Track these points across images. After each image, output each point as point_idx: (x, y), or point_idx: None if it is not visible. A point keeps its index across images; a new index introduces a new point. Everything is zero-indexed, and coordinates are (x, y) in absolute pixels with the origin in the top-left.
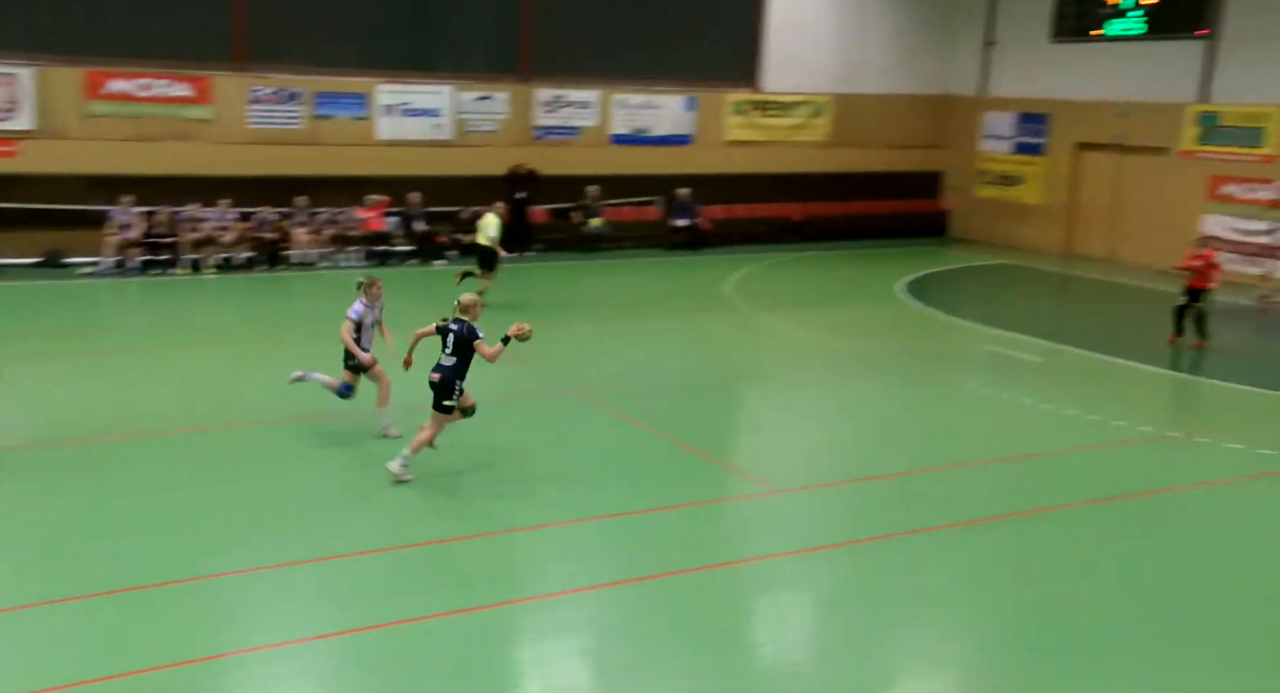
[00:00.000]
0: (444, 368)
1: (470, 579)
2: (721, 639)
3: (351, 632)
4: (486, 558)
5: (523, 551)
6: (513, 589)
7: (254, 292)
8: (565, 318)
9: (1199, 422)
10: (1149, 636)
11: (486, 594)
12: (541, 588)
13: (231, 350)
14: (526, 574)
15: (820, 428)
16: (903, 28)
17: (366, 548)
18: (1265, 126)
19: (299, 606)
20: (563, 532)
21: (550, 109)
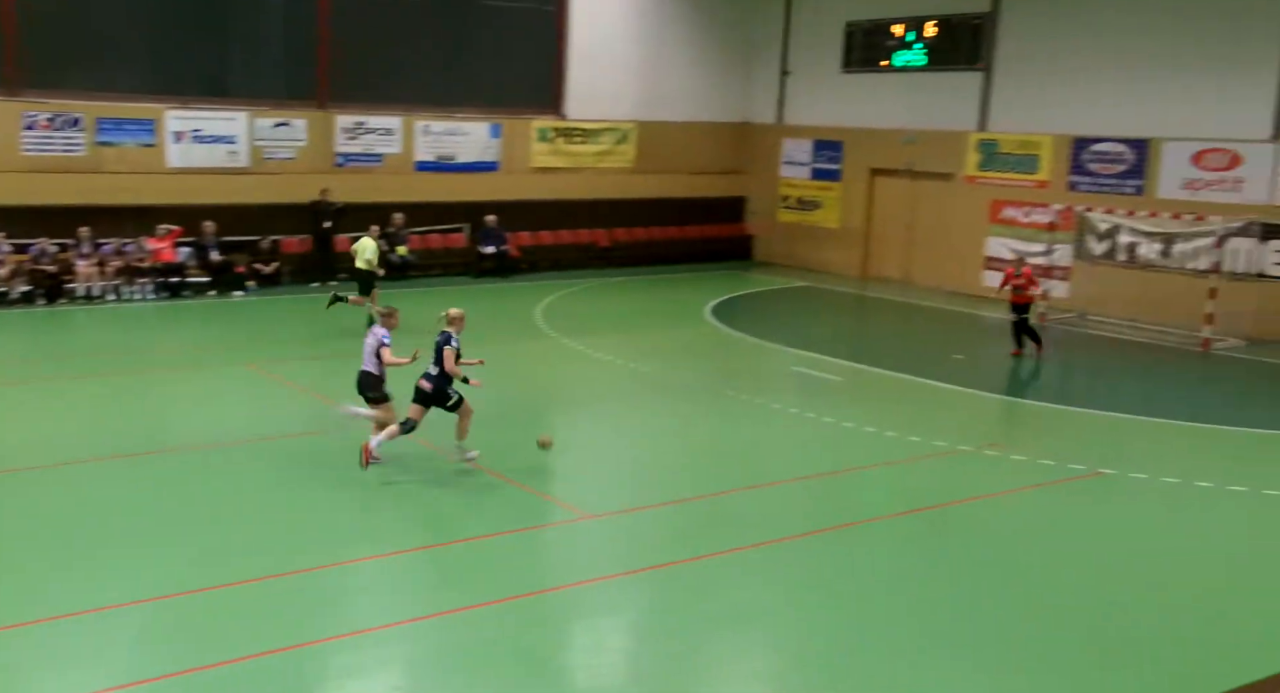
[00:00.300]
0: (432, 377)
1: (276, 619)
2: (536, 669)
3: (156, 679)
4: (292, 597)
5: (330, 588)
6: (320, 628)
7: (31, 327)
8: None
9: (988, 435)
10: (950, 642)
11: (292, 635)
12: (349, 626)
13: (12, 390)
14: (334, 612)
15: (631, 452)
16: (703, 57)
17: (166, 592)
18: (1039, 154)
19: (111, 652)
20: (373, 567)
21: (351, 136)
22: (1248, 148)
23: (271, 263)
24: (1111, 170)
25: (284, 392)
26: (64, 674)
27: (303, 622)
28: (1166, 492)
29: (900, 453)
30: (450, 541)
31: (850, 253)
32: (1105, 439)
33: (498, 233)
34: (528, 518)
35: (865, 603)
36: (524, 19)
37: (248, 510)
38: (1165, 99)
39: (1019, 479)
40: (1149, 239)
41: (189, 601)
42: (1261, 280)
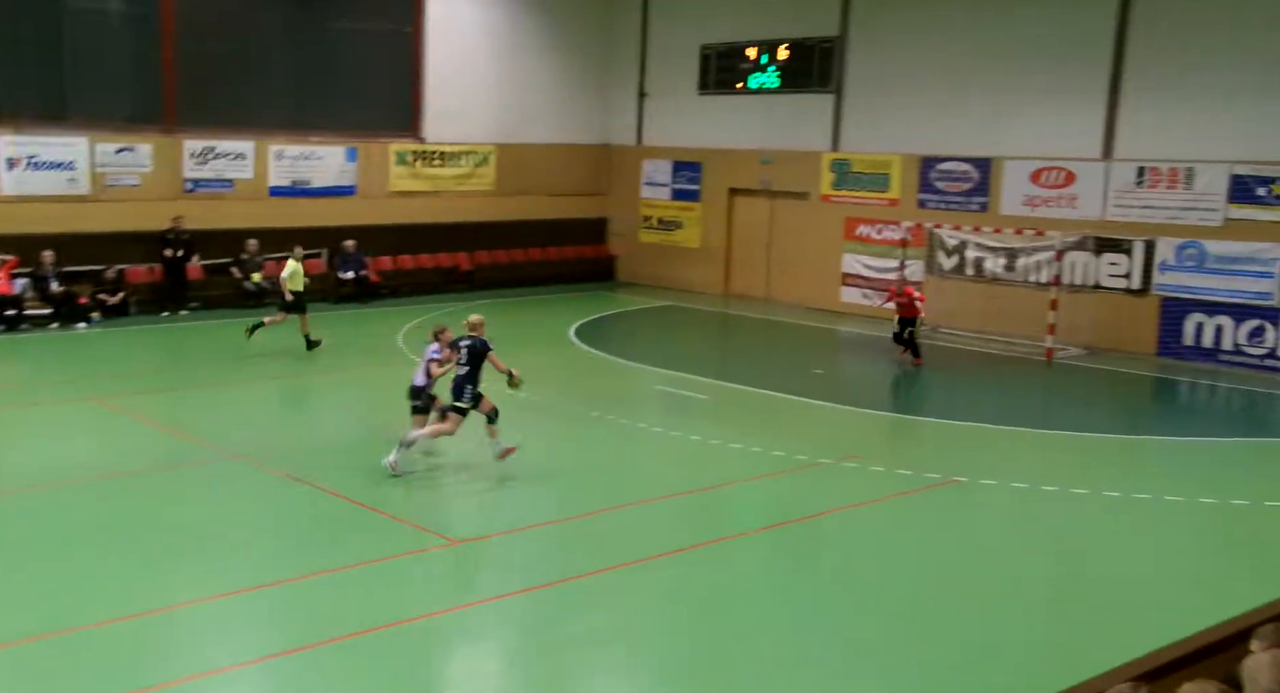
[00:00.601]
0: (457, 377)
1: (128, 662)
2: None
3: None
4: (147, 637)
5: (188, 627)
6: (176, 669)
7: None
8: (230, 378)
9: (848, 448)
10: (813, 653)
11: (150, 676)
12: (207, 665)
13: None
14: (192, 652)
15: (498, 476)
16: (562, 80)
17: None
18: (889, 173)
19: None
20: (232, 603)
21: (201, 161)
22: (1081, 166)
23: (117, 293)
24: (958, 188)
25: (131, 426)
26: None
27: (158, 663)
28: (1015, 497)
29: (764, 468)
30: (314, 572)
31: (712, 272)
32: (958, 448)
33: (357, 258)
34: (393, 547)
35: (730, 618)
36: (380, 41)
37: (83, 553)
38: (1006, 120)
39: (877, 490)
40: (994, 254)
41: (25, 648)
42: (1098, 292)
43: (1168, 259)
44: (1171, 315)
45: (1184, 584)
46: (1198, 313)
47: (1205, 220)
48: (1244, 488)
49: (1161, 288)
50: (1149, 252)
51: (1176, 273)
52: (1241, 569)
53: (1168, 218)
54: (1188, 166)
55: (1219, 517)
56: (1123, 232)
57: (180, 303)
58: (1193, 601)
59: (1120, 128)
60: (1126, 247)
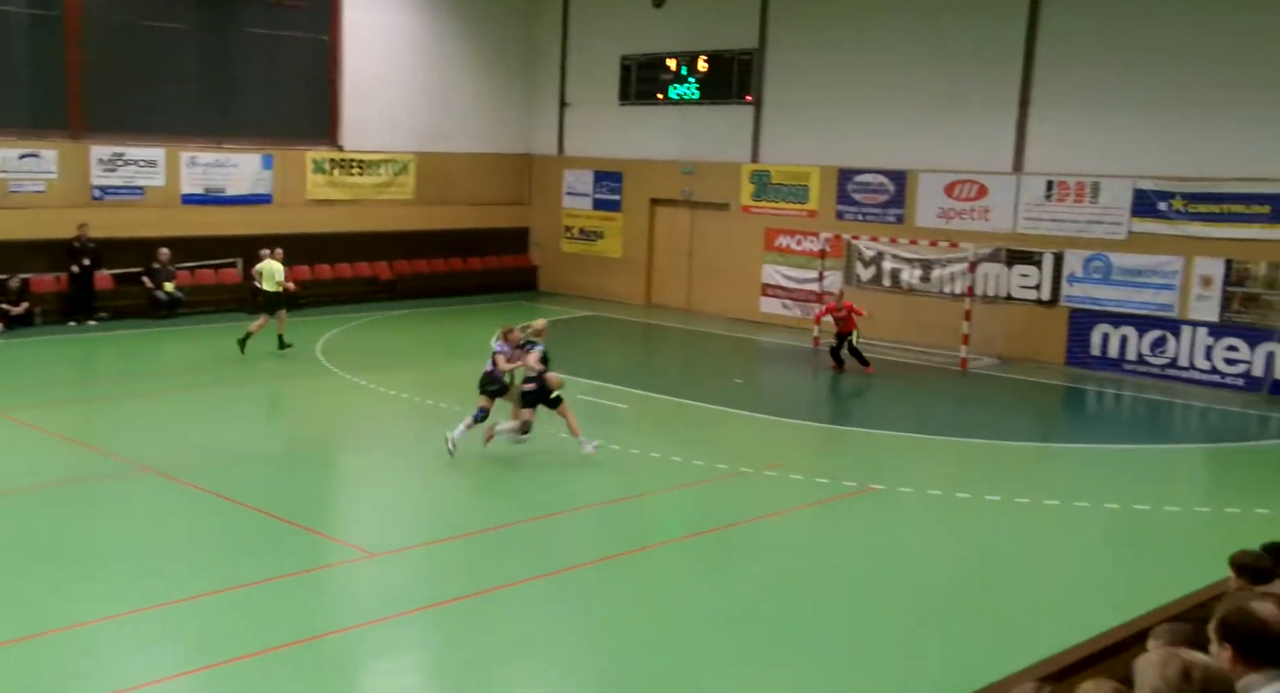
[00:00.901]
0: (531, 379)
1: (44, 680)
2: None
3: None
4: (62, 655)
5: (98, 645)
6: (92, 686)
7: None
8: (140, 390)
9: (768, 456)
10: (731, 661)
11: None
12: (119, 683)
13: None
14: (103, 671)
15: (418, 487)
16: (482, 89)
17: None
18: (808, 185)
19: None
20: (143, 620)
21: (109, 167)
22: (993, 179)
23: (21, 303)
24: (874, 200)
25: (37, 440)
26: None
27: (68, 682)
28: (930, 504)
29: (684, 477)
30: (229, 587)
31: (633, 282)
32: (875, 457)
33: None
34: (310, 560)
35: (652, 627)
36: (296, 48)
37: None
38: (921, 133)
39: (797, 498)
40: (910, 265)
41: None
42: (1009, 303)
43: (1076, 271)
44: (1079, 326)
45: (1089, 587)
46: (1104, 324)
47: (1111, 234)
48: (1146, 493)
49: (1070, 299)
50: (1058, 264)
51: (1084, 284)
52: (1142, 571)
53: (1075, 231)
54: (1094, 181)
55: (1122, 521)
56: (1033, 244)
57: (89, 313)
58: (1097, 602)
59: (1030, 142)
60: (1037, 259)
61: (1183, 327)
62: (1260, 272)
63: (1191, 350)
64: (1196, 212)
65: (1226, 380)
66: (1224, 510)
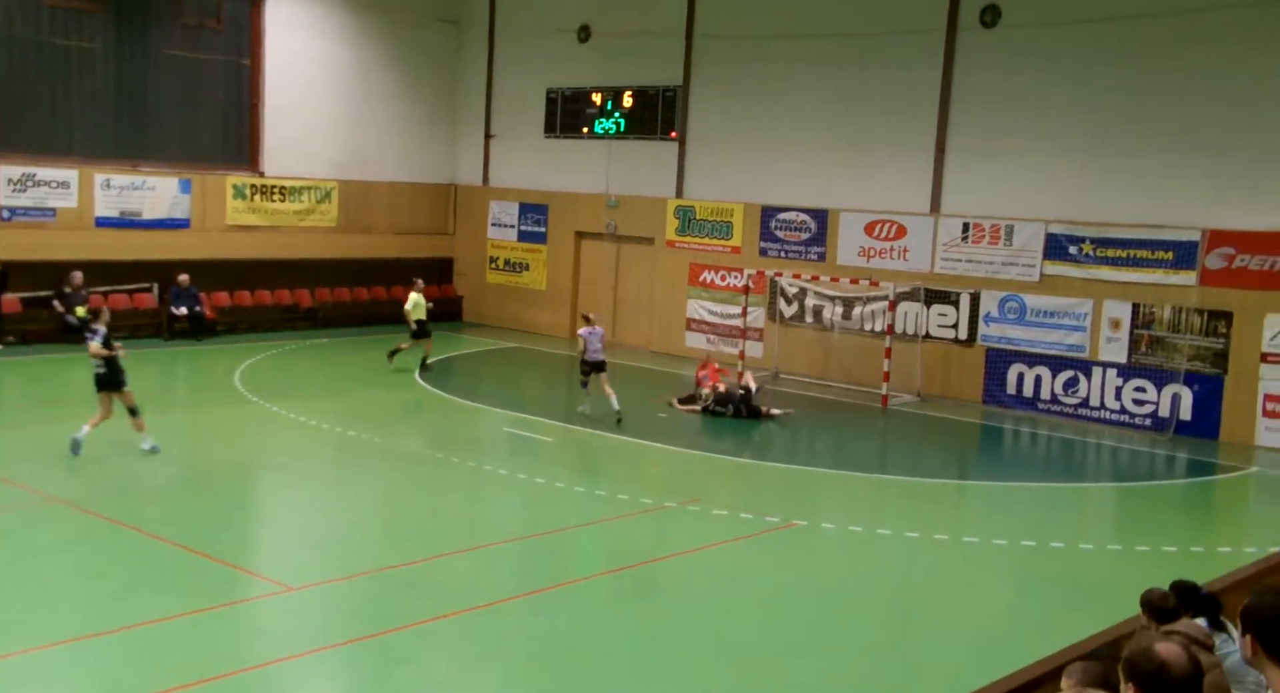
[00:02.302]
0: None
1: None
2: None
3: None
4: None
5: (4, 682)
6: None
7: None
8: (46, 418)
9: (691, 491)
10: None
11: None
12: None
13: None
14: None
15: (339, 519)
16: (407, 117)
17: None
18: (731, 221)
19: None
20: (46, 657)
21: (19, 188)
22: (911, 220)
23: None
24: (796, 237)
25: None
26: None
27: None
28: (852, 539)
29: (609, 511)
30: (141, 621)
31: (559, 314)
32: (798, 492)
33: (191, 293)
34: (225, 593)
35: (574, 663)
36: (216, 71)
37: None
38: (842, 173)
39: (721, 533)
40: (832, 302)
41: None
42: (928, 341)
43: (991, 311)
44: (995, 365)
45: (1007, 623)
46: (1019, 363)
47: (1024, 275)
48: (1060, 531)
49: (986, 338)
50: (974, 304)
51: (1000, 324)
52: (1057, 608)
53: (990, 272)
54: (1008, 224)
55: (1038, 558)
56: (950, 284)
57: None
58: (1014, 639)
59: (947, 185)
60: (954, 298)
61: (1094, 367)
62: (1165, 315)
63: (1102, 391)
64: (1105, 256)
65: (1135, 421)
66: (1135, 548)
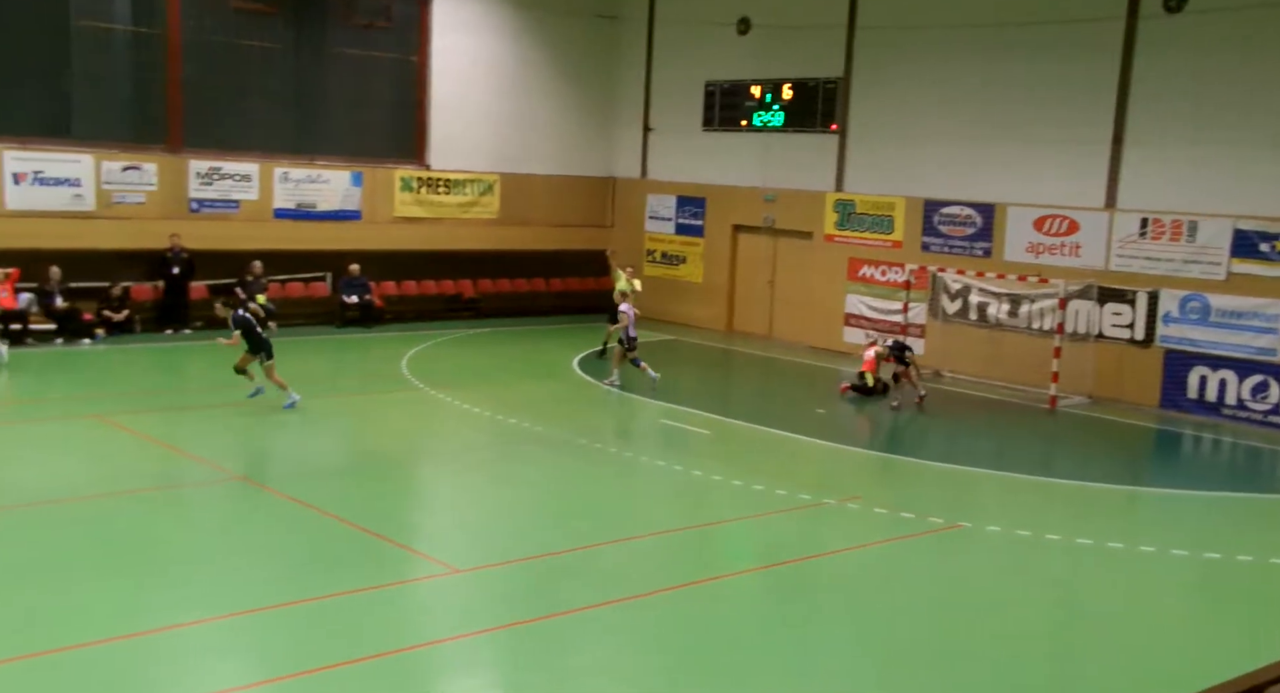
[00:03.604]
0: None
1: (117, 687)
2: None
3: None
4: (132, 661)
5: (181, 651)
6: (176, 691)
7: None
8: (229, 399)
9: (850, 489)
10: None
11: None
12: (200, 688)
13: None
14: (185, 676)
15: (501, 504)
16: (566, 111)
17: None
18: (893, 215)
19: None
20: (226, 626)
21: (206, 181)
22: (1084, 215)
23: (122, 310)
24: (961, 233)
25: (134, 445)
26: None
27: (150, 686)
28: (1019, 545)
29: (765, 506)
30: (315, 597)
31: (714, 308)
32: (962, 493)
33: (361, 283)
34: (394, 573)
35: (729, 658)
36: (386, 68)
37: (81, 573)
38: (1010, 166)
39: (881, 532)
40: (997, 299)
41: (19, 666)
42: (1101, 341)
43: (1171, 311)
44: (1175, 368)
45: (1188, 641)
46: (1201, 366)
47: (1209, 274)
48: (1248, 543)
49: (1165, 340)
50: (1152, 303)
51: (1180, 325)
52: (1245, 626)
53: (1171, 270)
54: (1191, 219)
55: (1223, 572)
56: (1126, 282)
57: (183, 322)
58: (1196, 657)
59: (1124, 178)
60: (1130, 297)
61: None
62: None
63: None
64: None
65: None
66: None
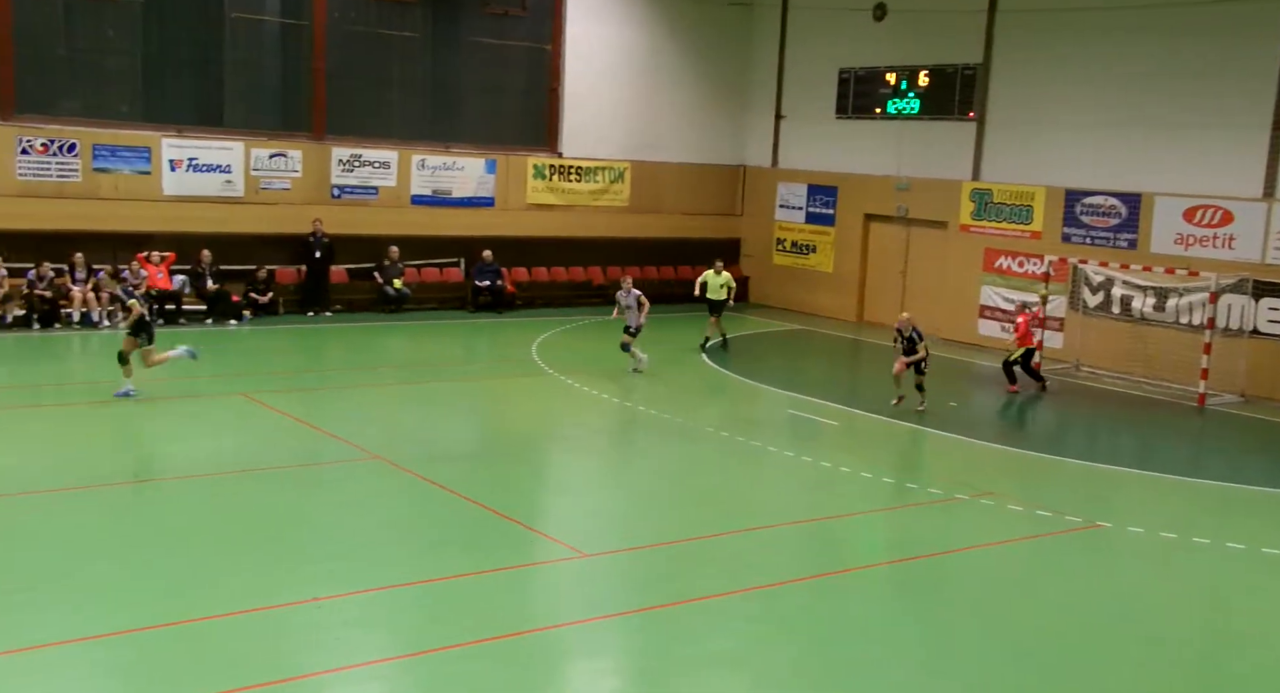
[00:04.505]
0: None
1: (258, 654)
2: None
3: None
4: (275, 631)
5: (315, 623)
6: (304, 664)
7: (25, 352)
8: (367, 380)
9: (983, 484)
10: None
11: (275, 670)
12: (335, 662)
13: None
14: (319, 648)
15: (627, 490)
16: (698, 99)
17: (141, 625)
18: (1032, 205)
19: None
20: (360, 601)
21: (347, 168)
22: (1239, 206)
23: (267, 293)
24: (1104, 223)
25: (277, 422)
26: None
27: (283, 657)
28: (1164, 547)
29: (896, 500)
30: (445, 576)
31: (845, 298)
32: (1102, 492)
33: (493, 268)
34: (523, 555)
35: (859, 652)
36: (520, 57)
37: (227, 544)
38: (1158, 154)
39: (1016, 530)
40: (1143, 293)
41: (165, 633)
42: (1255, 337)
43: None
44: None
45: None
46: None
47: None
48: None
49: None
50: None
51: None
52: None
53: None
54: None
55: None
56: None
57: (324, 305)
58: None
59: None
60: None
61: None
62: None
63: None
64: None
65: None
66: None
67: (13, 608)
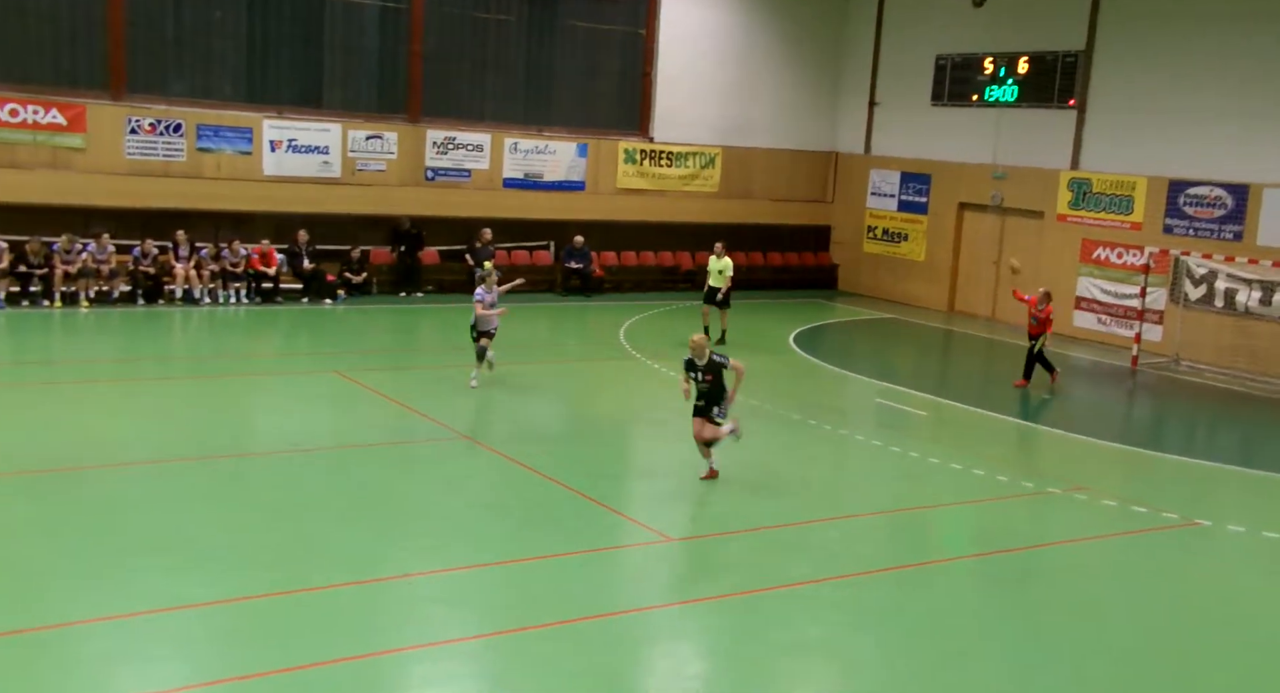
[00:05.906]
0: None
1: (351, 627)
2: (610, 691)
3: (231, 680)
4: (367, 606)
5: (407, 599)
6: (394, 639)
7: (129, 327)
8: (456, 361)
9: (1076, 478)
10: (1032, 689)
11: (366, 643)
12: (424, 638)
13: (107, 388)
14: (410, 623)
15: (716, 479)
16: (790, 84)
17: (239, 595)
18: (1133, 196)
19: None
20: (452, 578)
21: (441, 151)
22: None
23: (361, 273)
24: (1209, 215)
25: (369, 400)
26: (146, 670)
27: (377, 631)
28: (1266, 547)
29: (987, 492)
30: (531, 557)
31: (936, 287)
32: (1200, 488)
33: (583, 252)
34: (609, 538)
35: (948, 643)
36: (614, 41)
37: (323, 518)
38: (1267, 143)
39: (1110, 525)
40: (1248, 286)
41: (262, 604)
42: None
43: None
44: None
45: None
46: None
47: None
48: None
49: None
50: None
51: None
52: None
53: None
54: None
55: None
56: None
57: (416, 286)
58: None
59: None
60: None
61: None
62: None
63: None
64: None
65: None
66: None
67: (124, 574)
